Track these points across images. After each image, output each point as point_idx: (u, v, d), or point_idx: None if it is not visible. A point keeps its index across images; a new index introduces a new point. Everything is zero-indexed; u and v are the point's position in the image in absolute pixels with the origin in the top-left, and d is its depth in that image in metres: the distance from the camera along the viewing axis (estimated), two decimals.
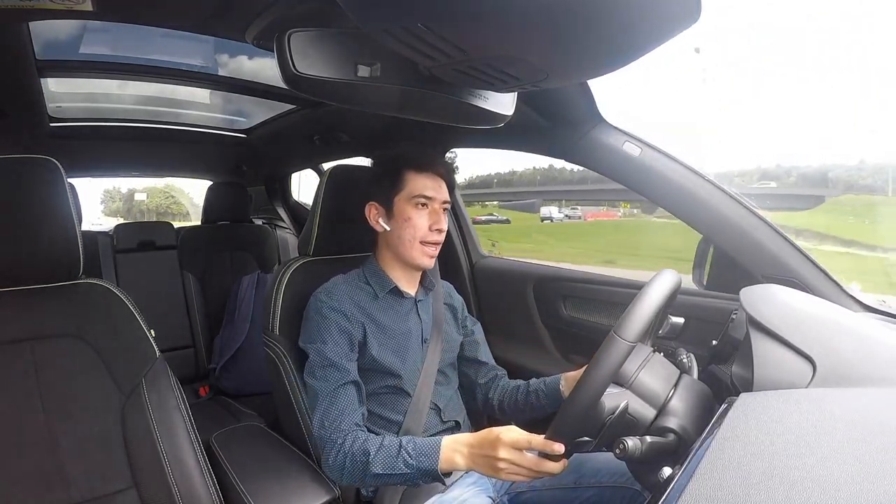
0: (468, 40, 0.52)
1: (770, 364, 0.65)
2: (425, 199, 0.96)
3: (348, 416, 0.84)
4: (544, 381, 1.03)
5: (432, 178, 0.97)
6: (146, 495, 0.78)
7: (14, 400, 0.75)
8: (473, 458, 0.75)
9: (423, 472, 0.77)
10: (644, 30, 0.50)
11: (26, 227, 0.77)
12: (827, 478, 0.41)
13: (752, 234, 0.97)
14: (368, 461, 0.78)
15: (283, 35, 0.61)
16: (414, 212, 0.96)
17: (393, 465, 0.78)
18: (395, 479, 0.79)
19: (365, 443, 0.80)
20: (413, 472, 0.77)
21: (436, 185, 0.97)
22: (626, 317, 0.67)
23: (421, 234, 0.96)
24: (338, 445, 0.82)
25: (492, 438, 0.73)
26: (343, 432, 0.82)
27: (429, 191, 0.96)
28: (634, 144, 1.05)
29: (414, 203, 0.96)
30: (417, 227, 0.96)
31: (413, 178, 0.97)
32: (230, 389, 1.82)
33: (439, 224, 0.97)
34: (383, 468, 0.78)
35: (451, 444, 0.77)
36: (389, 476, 0.78)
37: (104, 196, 17.68)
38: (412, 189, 0.96)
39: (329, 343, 0.89)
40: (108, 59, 1.26)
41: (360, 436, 0.82)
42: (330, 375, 0.86)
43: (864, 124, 14.20)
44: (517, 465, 0.71)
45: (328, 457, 0.82)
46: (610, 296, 1.24)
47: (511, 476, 0.72)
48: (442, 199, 0.98)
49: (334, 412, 0.84)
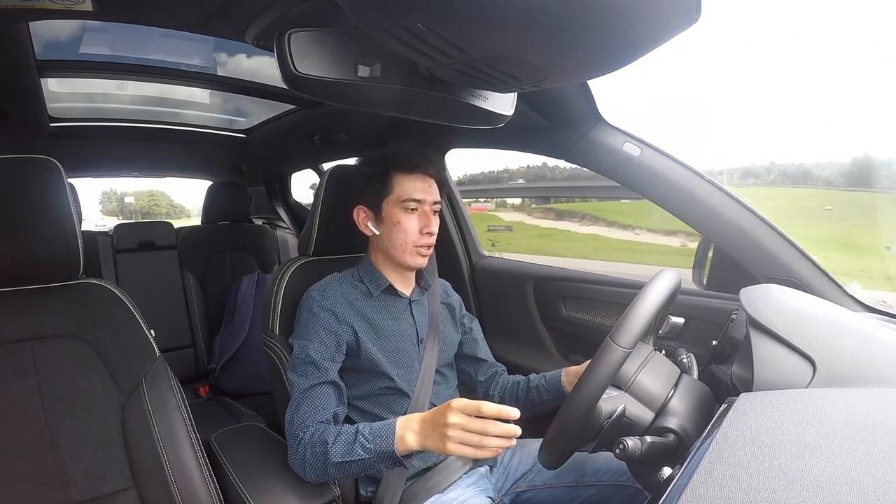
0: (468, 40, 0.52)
1: (770, 364, 0.65)
2: (415, 202, 0.94)
3: (317, 413, 0.84)
4: (545, 376, 1.03)
5: (422, 180, 0.95)
6: (146, 495, 0.78)
7: (14, 400, 0.75)
8: (424, 432, 0.73)
9: (380, 455, 0.75)
10: (644, 30, 0.50)
11: (26, 227, 0.77)
12: (827, 478, 0.41)
13: (752, 235, 0.97)
14: (327, 451, 0.77)
15: (283, 35, 0.61)
16: (403, 216, 0.94)
17: (351, 451, 0.76)
18: (356, 466, 0.77)
19: (324, 433, 0.80)
20: (371, 456, 0.75)
21: (425, 186, 0.95)
22: (622, 323, 0.67)
23: (412, 238, 0.95)
24: (298, 439, 0.82)
25: (443, 407, 0.71)
26: (305, 427, 0.82)
27: (418, 193, 0.94)
28: (634, 144, 1.05)
29: (403, 207, 0.94)
30: (408, 231, 0.94)
31: (401, 180, 0.95)
32: (230, 389, 1.82)
33: (429, 227, 0.95)
34: (342, 456, 0.77)
35: (403, 422, 0.76)
36: (349, 464, 0.77)
37: (102, 197, 18.88)
38: (401, 192, 0.94)
39: (314, 341, 0.89)
40: (108, 59, 1.26)
41: (319, 427, 0.82)
42: (309, 373, 0.86)
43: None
44: (466, 429, 0.67)
45: (292, 452, 0.83)
46: (610, 296, 1.25)
47: (459, 447, 0.67)
48: (432, 200, 0.96)
49: (304, 409, 0.84)
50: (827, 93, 20.34)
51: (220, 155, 2.12)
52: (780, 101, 21.57)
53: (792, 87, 22.33)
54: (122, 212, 17.41)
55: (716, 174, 1.10)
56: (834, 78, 19.31)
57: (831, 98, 19.24)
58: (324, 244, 1.09)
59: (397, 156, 0.96)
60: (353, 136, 1.62)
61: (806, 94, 21.07)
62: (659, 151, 1.04)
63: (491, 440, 0.66)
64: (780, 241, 0.96)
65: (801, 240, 0.95)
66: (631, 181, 1.07)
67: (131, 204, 16.60)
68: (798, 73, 23.37)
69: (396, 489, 0.92)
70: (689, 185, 1.01)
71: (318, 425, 0.82)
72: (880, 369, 0.60)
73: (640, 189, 1.06)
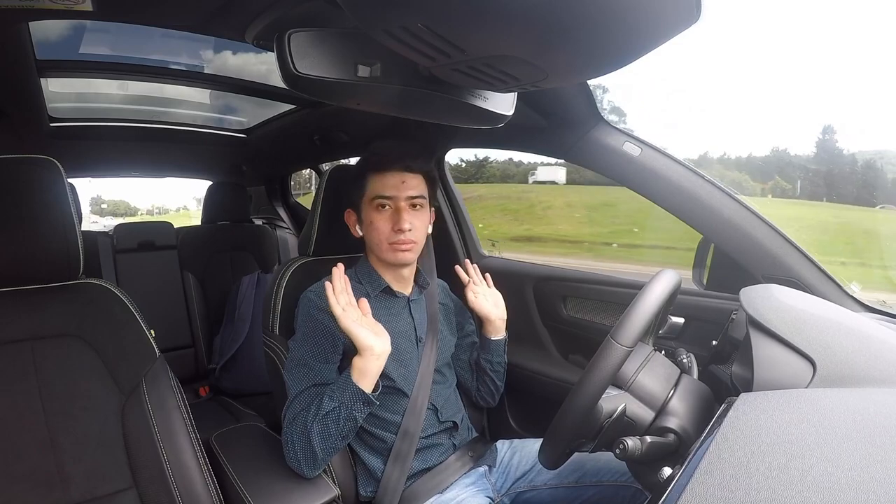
0: (468, 40, 0.52)
1: (770, 364, 0.65)
2: (383, 199, 0.94)
3: (307, 415, 0.84)
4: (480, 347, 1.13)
5: (394, 175, 0.94)
6: (146, 495, 0.78)
7: (14, 400, 0.75)
8: (360, 355, 0.82)
9: (347, 395, 0.81)
10: (644, 30, 0.50)
11: (26, 227, 0.77)
12: (827, 477, 0.41)
13: (752, 235, 0.97)
14: (306, 422, 0.82)
15: (283, 35, 0.61)
16: (375, 214, 0.95)
17: (320, 408, 0.81)
18: (332, 422, 0.81)
19: (301, 413, 0.84)
20: (338, 403, 0.81)
21: (397, 182, 0.94)
22: (623, 321, 0.67)
23: (385, 236, 0.94)
24: (290, 436, 0.84)
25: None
26: (292, 428, 0.84)
27: (388, 190, 0.94)
28: (634, 144, 1.05)
29: (375, 206, 0.94)
30: (380, 230, 0.94)
31: (373, 179, 0.95)
32: (230, 389, 1.82)
33: (399, 224, 0.93)
34: (315, 418, 0.81)
35: (350, 369, 0.83)
36: (325, 421, 0.81)
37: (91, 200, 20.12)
38: (371, 191, 0.95)
39: (309, 343, 0.89)
40: (108, 59, 1.26)
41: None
42: (302, 374, 0.87)
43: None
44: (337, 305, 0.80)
45: (286, 450, 0.84)
46: (610, 296, 1.24)
47: (336, 308, 0.80)
48: (405, 195, 0.94)
49: (296, 408, 0.85)
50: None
51: (220, 155, 2.12)
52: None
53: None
54: (102, 212, 18.85)
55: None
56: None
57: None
58: (324, 244, 1.09)
59: (372, 157, 0.98)
60: (353, 135, 1.62)
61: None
62: (659, 151, 1.04)
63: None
64: (780, 241, 0.96)
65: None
66: (631, 181, 1.07)
67: (103, 203, 17.91)
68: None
69: (396, 489, 0.92)
70: (689, 185, 1.01)
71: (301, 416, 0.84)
72: (880, 369, 0.60)
73: (641, 189, 1.06)
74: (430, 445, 0.98)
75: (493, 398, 1.15)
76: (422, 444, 0.96)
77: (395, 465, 0.93)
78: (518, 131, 1.12)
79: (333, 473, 0.91)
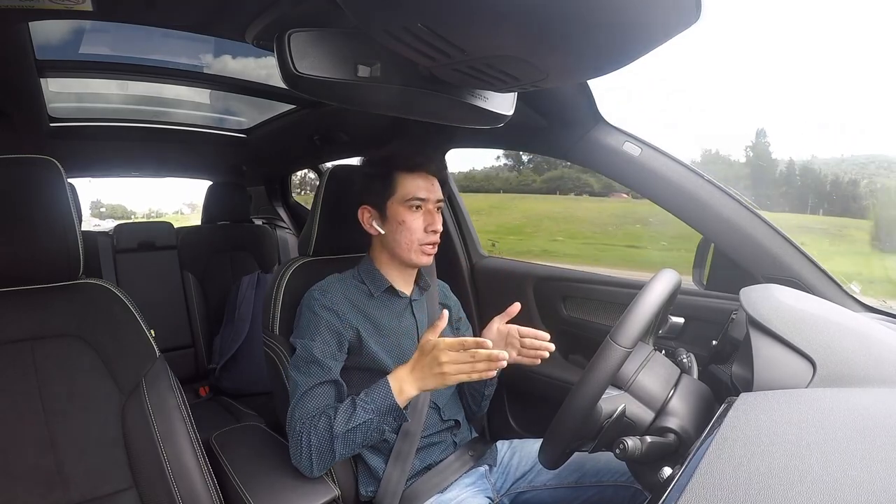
0: (468, 40, 0.52)
1: (770, 364, 0.65)
2: (419, 200, 0.95)
3: (320, 412, 0.84)
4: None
5: (424, 178, 0.97)
6: (146, 495, 0.78)
7: (14, 400, 0.75)
8: (420, 377, 0.79)
9: (383, 410, 0.80)
10: (644, 30, 0.50)
11: (26, 227, 0.77)
12: (827, 477, 0.41)
13: (752, 235, 0.97)
14: (331, 426, 0.80)
15: (283, 35, 0.61)
16: (408, 214, 0.95)
17: (353, 416, 0.80)
18: (360, 432, 0.80)
19: (324, 417, 0.82)
20: (373, 415, 0.80)
21: (428, 184, 0.97)
22: (623, 322, 0.67)
23: (418, 236, 0.96)
24: (300, 434, 0.83)
25: (429, 349, 0.78)
26: (306, 424, 0.83)
27: (422, 192, 0.95)
28: (634, 144, 1.05)
29: (408, 206, 0.95)
30: (413, 229, 0.95)
31: (405, 179, 0.96)
32: (230, 389, 1.81)
33: (434, 225, 0.96)
34: (345, 424, 0.80)
35: (393, 378, 0.82)
36: (354, 431, 0.80)
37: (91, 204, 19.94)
38: (405, 192, 0.95)
39: (317, 340, 0.89)
40: (108, 59, 1.26)
41: (319, 417, 0.83)
42: (312, 371, 0.87)
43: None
44: (457, 361, 0.75)
45: (294, 449, 0.84)
46: (610, 296, 1.24)
47: (458, 376, 0.76)
48: (436, 198, 0.98)
49: (306, 406, 0.85)
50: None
51: (220, 155, 2.12)
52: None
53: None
54: (101, 213, 18.86)
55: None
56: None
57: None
58: (324, 244, 1.09)
59: (400, 156, 0.98)
60: (353, 135, 1.62)
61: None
62: (659, 151, 1.04)
63: (479, 364, 0.75)
64: (780, 241, 0.96)
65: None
66: (631, 181, 1.07)
67: (103, 206, 18.03)
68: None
69: (396, 489, 0.92)
70: (689, 185, 1.01)
71: (319, 417, 0.83)
72: (880, 369, 0.60)
73: (641, 189, 1.06)
74: (431, 444, 0.99)
75: (478, 406, 1.10)
76: (423, 442, 0.97)
77: (395, 464, 0.93)
78: (518, 131, 1.12)
79: (334, 473, 0.91)
